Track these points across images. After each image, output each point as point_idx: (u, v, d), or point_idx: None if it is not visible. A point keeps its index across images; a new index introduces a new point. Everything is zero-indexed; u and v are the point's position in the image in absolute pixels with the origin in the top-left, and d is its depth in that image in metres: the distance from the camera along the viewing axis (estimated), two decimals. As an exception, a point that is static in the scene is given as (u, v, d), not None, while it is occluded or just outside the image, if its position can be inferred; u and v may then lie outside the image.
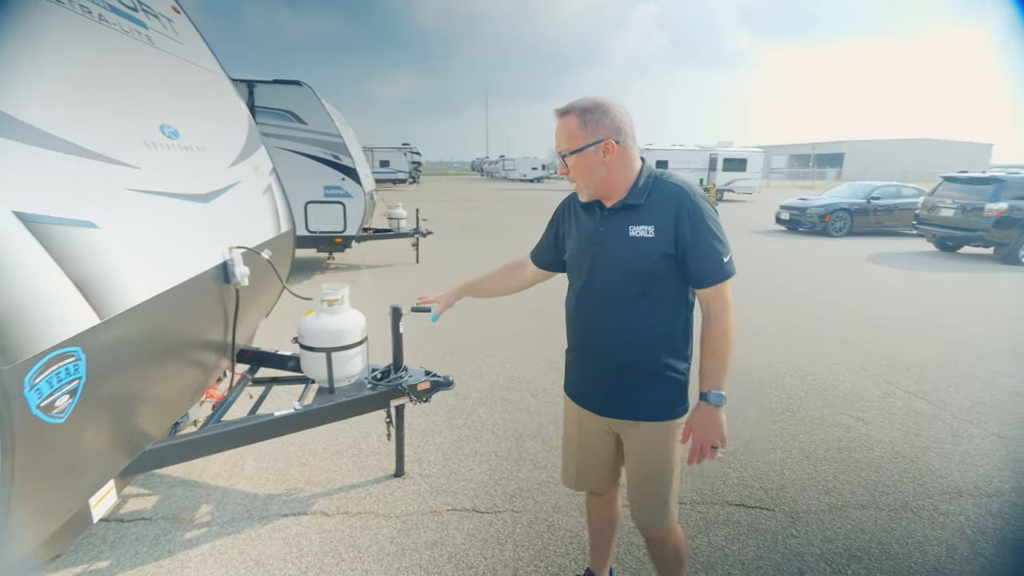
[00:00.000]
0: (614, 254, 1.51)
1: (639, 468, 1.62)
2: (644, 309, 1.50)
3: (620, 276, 1.51)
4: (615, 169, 1.47)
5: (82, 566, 2.14)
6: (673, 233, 1.44)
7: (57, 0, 1.78)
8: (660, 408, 1.55)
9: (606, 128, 1.43)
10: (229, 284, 2.34)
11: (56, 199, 1.39)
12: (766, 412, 3.59)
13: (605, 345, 1.57)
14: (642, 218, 1.46)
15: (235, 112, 3.13)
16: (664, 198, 1.46)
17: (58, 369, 1.27)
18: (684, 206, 1.44)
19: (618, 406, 1.59)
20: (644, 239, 1.45)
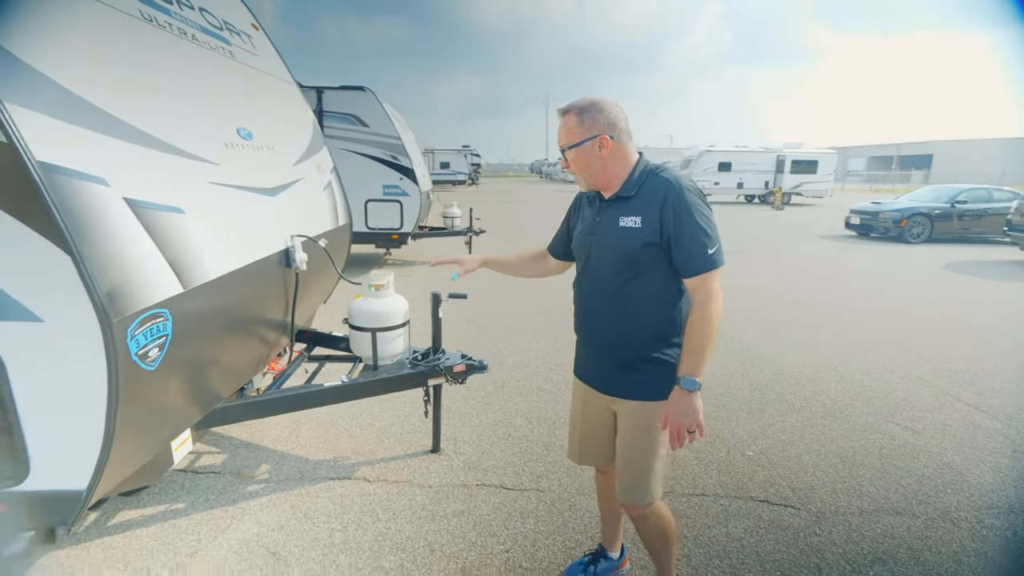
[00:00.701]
0: (606, 242, 1.62)
1: (624, 445, 1.72)
2: (633, 294, 1.59)
3: (611, 263, 1.62)
4: (610, 162, 1.58)
5: (165, 505, 2.50)
6: (658, 224, 1.52)
7: (160, 25, 2.12)
8: (647, 388, 1.62)
9: (601, 124, 1.54)
10: (290, 268, 2.64)
11: (154, 188, 1.69)
12: (804, 416, 3.52)
13: (599, 326, 1.70)
14: (631, 209, 1.57)
15: (301, 116, 3.47)
16: (652, 190, 1.55)
17: (151, 325, 1.56)
18: (669, 198, 1.51)
19: (611, 384, 1.71)
20: (631, 229, 1.55)
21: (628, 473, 1.72)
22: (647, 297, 1.58)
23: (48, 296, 1.43)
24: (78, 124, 1.47)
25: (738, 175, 24.35)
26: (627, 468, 1.72)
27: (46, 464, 1.54)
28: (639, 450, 1.68)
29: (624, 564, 2.14)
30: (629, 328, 1.61)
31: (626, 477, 1.72)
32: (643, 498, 1.70)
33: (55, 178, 1.35)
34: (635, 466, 1.70)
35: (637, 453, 1.69)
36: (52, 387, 1.50)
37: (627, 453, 1.72)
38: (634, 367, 1.64)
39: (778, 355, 4.65)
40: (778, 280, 7.83)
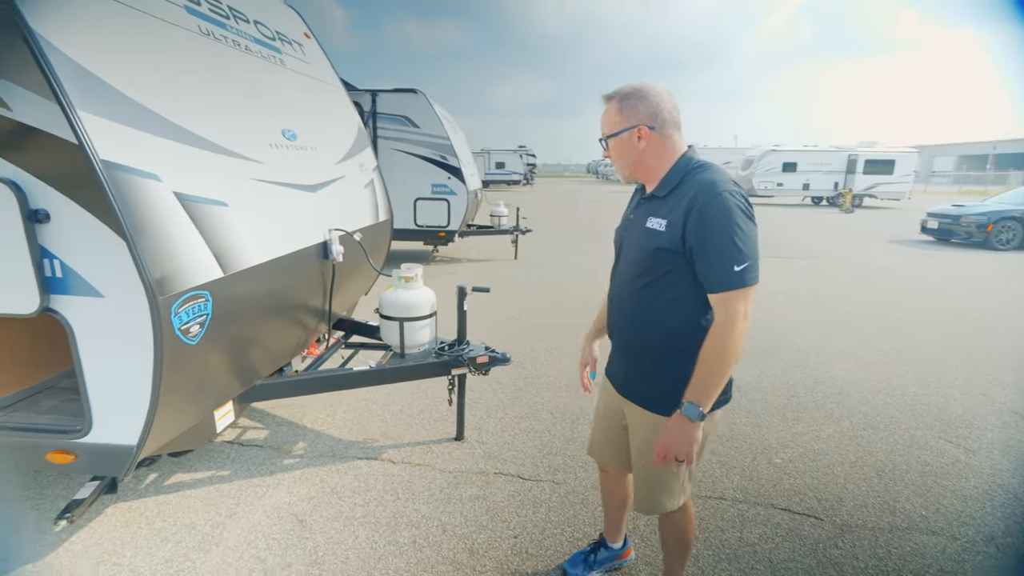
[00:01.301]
0: (633, 241, 1.57)
1: (635, 454, 1.67)
2: (650, 300, 1.51)
3: (633, 263, 1.55)
4: (648, 154, 1.48)
5: (212, 471, 2.76)
6: (681, 231, 1.38)
7: (216, 38, 2.36)
8: (657, 400, 1.54)
9: (641, 114, 1.45)
10: (327, 260, 2.84)
11: (200, 184, 1.90)
12: (843, 426, 3.36)
13: (619, 325, 1.66)
14: (661, 210, 1.46)
15: (346, 118, 3.69)
16: (685, 192, 1.41)
17: (193, 304, 1.77)
18: (697, 203, 1.36)
19: (624, 385, 1.67)
20: (654, 232, 1.45)
21: (640, 484, 1.67)
22: (666, 303, 1.48)
23: (108, 275, 1.65)
24: (136, 127, 1.69)
25: (804, 176, 23.07)
26: (639, 479, 1.67)
27: (105, 421, 1.78)
28: (645, 463, 1.59)
29: (627, 554, 2.15)
30: (645, 333, 1.54)
31: (638, 488, 1.68)
32: (653, 508, 1.66)
33: (115, 174, 1.57)
34: (647, 479, 1.63)
35: (648, 466, 1.58)
36: (110, 354, 1.73)
37: (639, 464, 1.66)
38: (647, 374, 1.57)
39: (825, 363, 4.44)
40: (838, 287, 7.41)
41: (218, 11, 2.52)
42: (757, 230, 1.41)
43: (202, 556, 2.16)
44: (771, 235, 13.10)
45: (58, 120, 1.51)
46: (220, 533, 2.30)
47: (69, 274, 1.66)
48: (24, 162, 1.60)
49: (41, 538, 2.24)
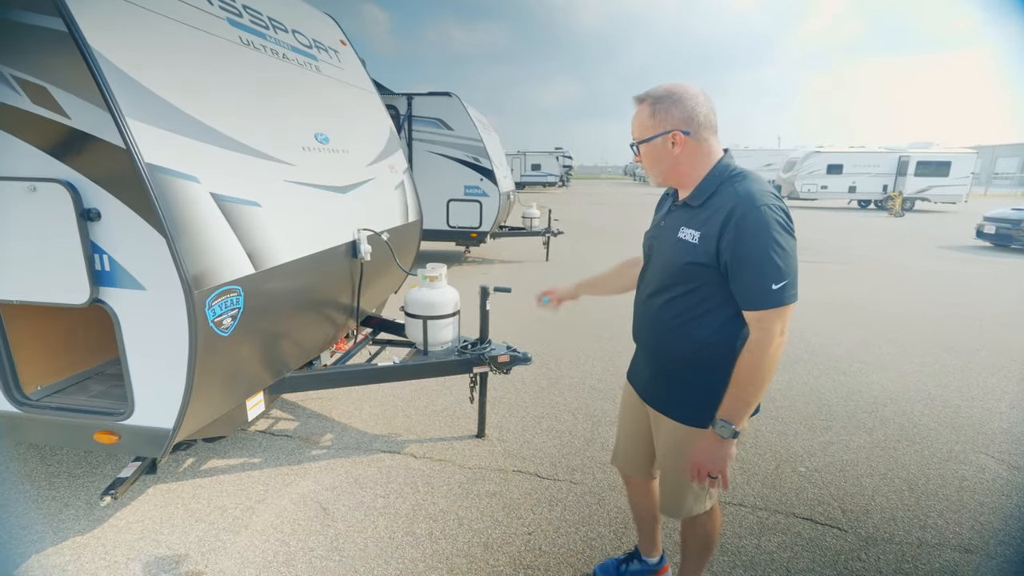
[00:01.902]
0: (663, 250, 1.50)
1: (662, 460, 1.66)
2: (680, 312, 1.46)
3: (664, 273, 1.49)
4: (683, 161, 1.41)
5: (244, 459, 2.91)
6: (715, 245, 1.33)
7: (255, 48, 2.50)
8: (684, 411, 1.52)
9: (675, 118, 1.37)
10: (355, 259, 2.95)
11: (235, 185, 2.02)
12: (876, 437, 3.24)
13: (647, 335, 1.61)
14: (695, 221, 1.40)
15: (378, 122, 3.82)
16: (721, 205, 1.34)
17: (226, 299, 1.88)
18: (735, 216, 1.30)
19: (650, 393, 1.64)
20: (686, 243, 1.39)
21: (665, 488, 1.67)
22: (695, 317, 1.44)
23: (150, 270, 1.78)
24: (178, 132, 1.82)
25: (850, 178, 22.14)
26: (664, 482, 1.67)
27: (145, 405, 1.92)
28: (673, 470, 1.60)
29: (664, 570, 2.05)
30: (672, 345, 1.50)
31: (664, 491, 1.68)
32: (678, 512, 1.64)
33: (158, 176, 1.69)
34: (671, 484, 1.63)
35: (671, 473, 1.61)
36: (150, 343, 1.86)
37: (664, 470, 1.66)
38: (674, 385, 1.54)
39: (861, 372, 4.28)
40: (879, 293, 7.11)
41: (258, 22, 2.66)
42: (796, 244, 1.35)
43: (232, 537, 2.29)
44: (811, 239, 12.66)
45: (109, 127, 1.64)
46: (249, 517, 2.43)
47: (116, 268, 1.80)
48: (79, 165, 1.74)
49: (89, 512, 2.42)
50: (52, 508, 2.46)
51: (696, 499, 1.60)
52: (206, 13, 2.24)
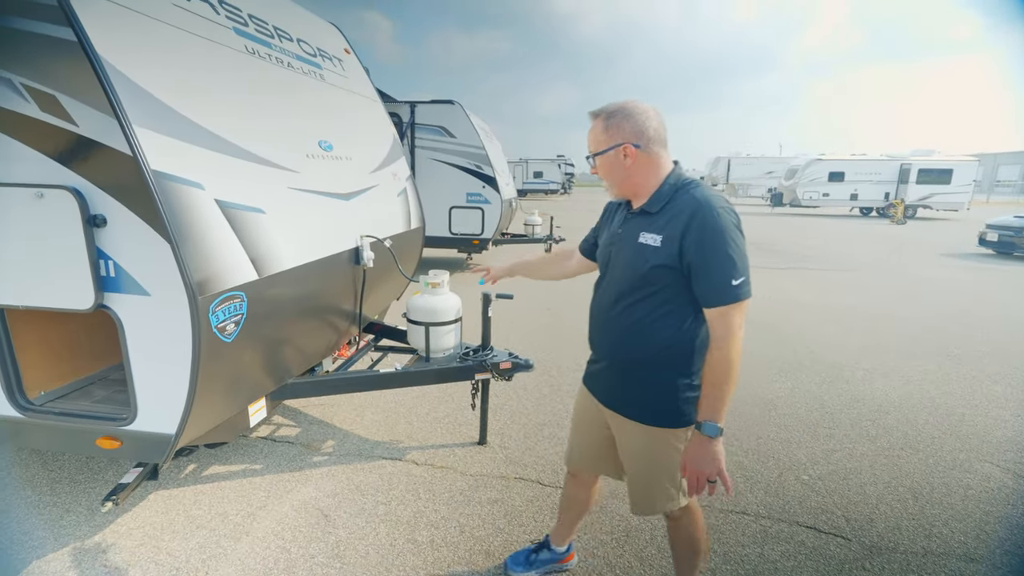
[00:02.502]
0: (624, 257, 1.56)
1: (628, 462, 1.69)
2: (641, 314, 1.52)
3: (625, 278, 1.55)
4: (634, 172, 1.51)
5: (246, 464, 2.91)
6: (678, 247, 1.41)
7: (261, 56, 2.53)
8: (647, 412, 1.57)
9: (626, 132, 1.47)
10: (358, 265, 2.96)
11: (240, 192, 2.03)
12: (879, 445, 3.23)
13: (605, 338, 1.66)
14: (654, 226, 1.48)
15: (381, 129, 3.84)
16: (679, 209, 1.44)
17: (229, 304, 1.89)
18: (695, 221, 1.39)
19: (610, 397, 1.68)
20: (648, 247, 1.47)
21: (634, 488, 1.70)
22: (658, 318, 1.50)
23: (154, 275, 1.79)
24: (184, 139, 1.84)
25: (852, 186, 22.18)
26: (635, 484, 1.70)
27: (147, 410, 1.92)
28: (643, 471, 1.65)
29: (569, 558, 2.16)
30: (635, 348, 1.55)
31: (634, 492, 1.71)
32: (651, 510, 1.68)
33: (163, 183, 1.71)
34: (642, 485, 1.67)
35: (641, 474, 1.66)
36: (154, 348, 1.87)
37: (632, 472, 1.69)
38: (637, 387, 1.59)
39: (864, 379, 4.27)
40: (882, 301, 7.10)
41: (264, 31, 2.69)
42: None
43: (233, 544, 2.28)
44: (813, 246, 12.66)
45: (116, 134, 1.66)
46: (250, 523, 2.42)
47: (121, 274, 1.81)
48: (86, 172, 1.76)
49: (90, 518, 2.42)
50: (53, 514, 2.46)
51: (667, 497, 1.63)
52: (213, 23, 2.27)
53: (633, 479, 1.70)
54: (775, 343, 5.14)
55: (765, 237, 14.66)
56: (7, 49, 1.70)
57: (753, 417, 3.57)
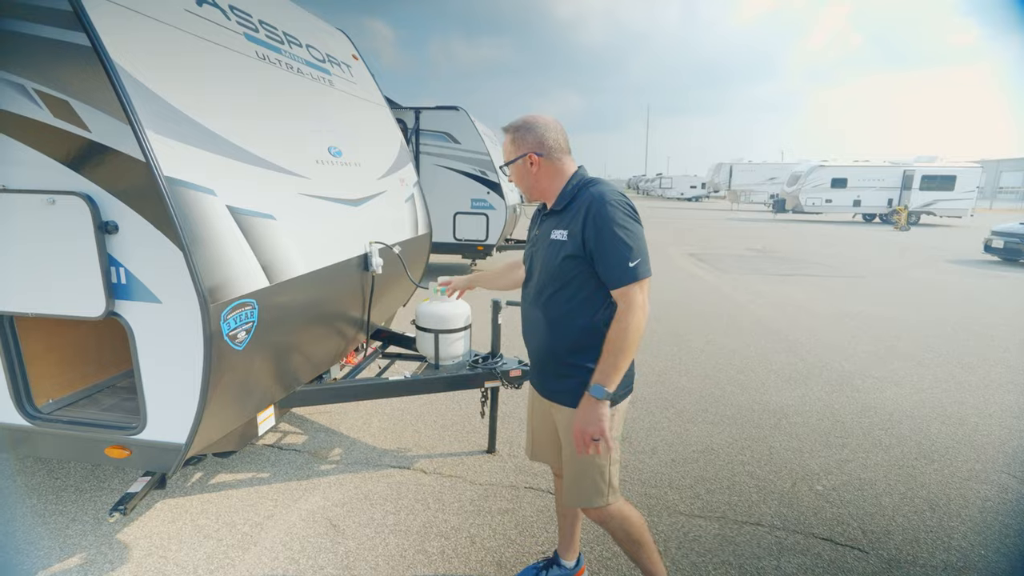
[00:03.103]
0: (541, 254, 1.70)
1: (565, 450, 1.76)
2: (560, 305, 1.65)
3: (542, 274, 1.69)
4: (540, 178, 1.68)
5: (253, 473, 2.87)
6: (580, 237, 1.56)
7: (271, 62, 2.52)
8: (572, 395, 1.65)
9: (529, 143, 1.66)
10: (367, 271, 2.94)
11: (251, 198, 2.02)
12: (893, 455, 3.18)
13: (533, 334, 1.78)
14: (561, 223, 1.64)
15: (389, 135, 3.84)
16: (579, 205, 1.59)
17: (241, 312, 1.87)
18: (591, 212, 1.54)
19: (546, 389, 1.79)
20: (558, 242, 1.62)
21: (569, 478, 1.77)
22: (573, 307, 1.62)
23: (165, 282, 1.77)
24: (196, 145, 1.82)
25: (855, 192, 22.17)
26: (567, 473, 1.78)
27: (158, 419, 1.90)
28: (569, 456, 1.73)
29: (580, 573, 2.13)
30: (557, 337, 1.67)
31: (567, 481, 1.78)
32: (586, 501, 1.73)
33: (176, 189, 1.69)
34: (574, 471, 1.74)
35: (571, 459, 1.73)
36: (164, 356, 1.85)
37: (566, 458, 1.77)
38: (564, 374, 1.69)
39: (874, 388, 4.22)
40: (888, 308, 7.05)
41: (274, 37, 2.69)
42: (643, 230, 1.60)
43: (240, 555, 2.25)
44: (817, 252, 12.63)
45: (129, 140, 1.65)
46: (258, 533, 2.39)
47: (132, 281, 1.79)
48: (98, 178, 1.74)
49: (96, 528, 2.39)
50: (59, 523, 2.42)
51: (596, 491, 1.70)
52: (224, 28, 2.26)
53: (567, 466, 1.77)
54: (783, 351, 5.10)
55: (769, 243, 14.64)
56: (20, 54, 1.69)
57: (764, 426, 3.53)
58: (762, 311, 6.77)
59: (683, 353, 5.03)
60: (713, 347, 5.22)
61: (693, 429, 3.48)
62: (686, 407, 3.82)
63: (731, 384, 4.27)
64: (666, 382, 4.29)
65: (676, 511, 2.61)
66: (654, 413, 3.70)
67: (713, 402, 3.91)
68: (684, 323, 6.10)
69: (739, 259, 11.49)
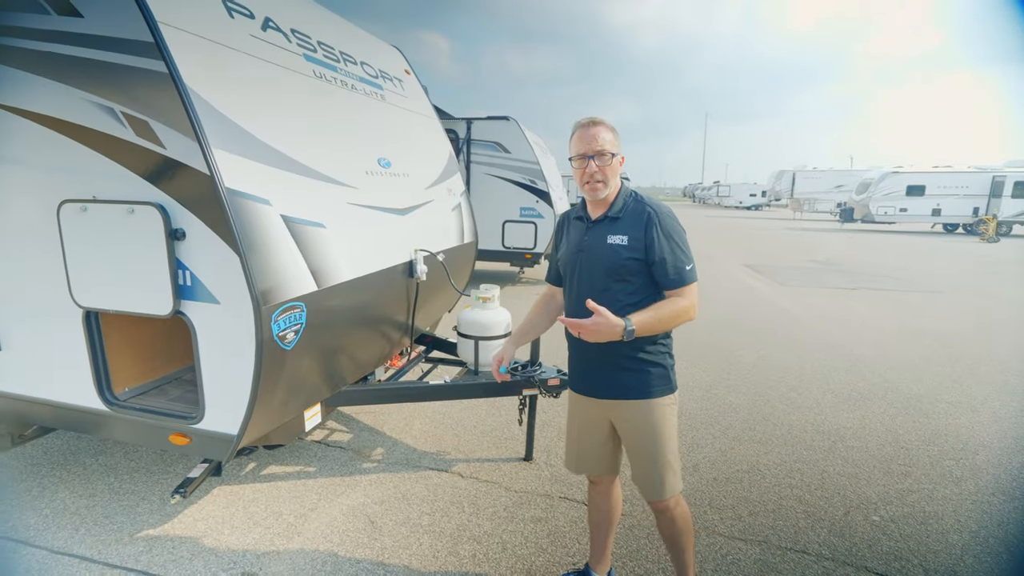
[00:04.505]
0: (595, 255, 1.78)
1: (632, 444, 1.84)
2: (620, 299, 1.72)
3: (597, 276, 1.77)
4: (614, 179, 1.78)
5: (301, 467, 3.04)
6: (643, 243, 1.71)
7: (327, 80, 2.68)
8: (642, 387, 1.77)
9: (619, 145, 1.78)
10: (412, 278, 3.04)
11: (303, 208, 2.15)
12: (964, 488, 2.93)
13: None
14: (618, 229, 1.75)
15: (439, 146, 3.96)
16: (637, 215, 1.75)
17: (290, 314, 2.00)
18: (653, 223, 1.71)
19: (607, 387, 1.82)
20: (619, 245, 1.74)
21: (642, 471, 1.83)
22: (631, 305, 1.70)
23: (224, 285, 1.92)
24: (255, 159, 1.97)
25: (934, 200, 20.55)
26: (640, 467, 1.83)
27: (214, 410, 2.06)
28: (646, 447, 1.80)
29: None
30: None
31: (641, 475, 1.83)
32: (662, 492, 1.80)
33: (236, 199, 1.84)
34: (647, 463, 1.80)
35: (645, 451, 1.80)
36: (221, 353, 2.00)
37: (636, 453, 1.83)
38: (627, 368, 1.77)
39: (947, 413, 3.90)
40: (969, 327, 6.49)
41: (331, 56, 2.86)
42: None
43: (285, 543, 2.38)
44: (888, 264, 11.79)
45: (197, 155, 1.81)
46: (302, 524, 2.52)
47: (196, 283, 1.95)
48: (170, 189, 1.92)
49: (161, 508, 2.60)
50: (131, 501, 2.66)
51: (674, 475, 1.81)
52: (285, 50, 2.43)
53: (639, 458, 1.83)
54: (843, 370, 4.81)
55: (834, 255, 13.83)
56: (110, 81, 1.89)
57: (817, 449, 3.34)
58: (822, 325, 6.41)
59: (732, 368, 4.84)
60: (765, 363, 5.00)
61: (739, 448, 3.35)
62: (732, 424, 3.68)
63: (783, 402, 4.07)
64: (713, 398, 4.15)
65: (715, 532, 2.53)
66: (698, 429, 3.59)
67: (762, 420, 3.75)
68: (735, 337, 5.87)
69: (799, 271, 10.93)
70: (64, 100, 1.96)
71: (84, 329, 2.18)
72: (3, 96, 2.05)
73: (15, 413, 2.44)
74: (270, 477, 2.92)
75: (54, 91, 1.96)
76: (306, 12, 2.88)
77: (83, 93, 1.92)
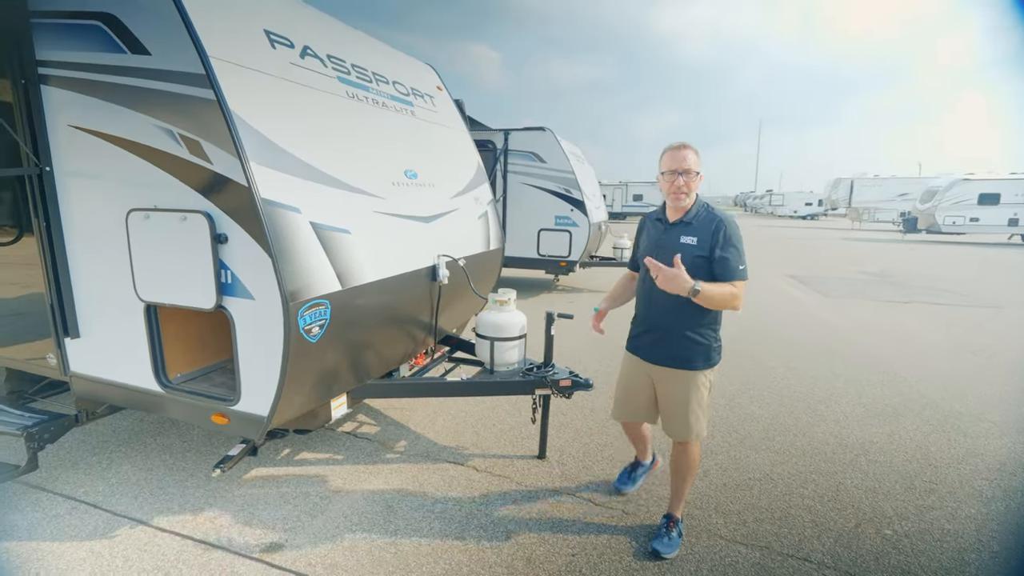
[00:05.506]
0: (669, 252, 2.23)
1: (666, 404, 2.43)
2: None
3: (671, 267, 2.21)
4: (694, 191, 2.31)
5: (329, 454, 3.29)
6: (709, 245, 2.23)
7: (359, 99, 2.94)
8: (688, 361, 2.33)
9: (700, 164, 2.30)
10: (434, 282, 3.25)
11: (331, 215, 2.40)
12: (992, 508, 2.81)
13: (659, 314, 2.37)
14: (690, 232, 2.29)
15: (467, 158, 4.18)
16: (707, 221, 2.28)
17: (315, 310, 2.23)
18: (720, 229, 2.23)
19: (660, 356, 2.39)
20: (691, 245, 2.26)
21: (677, 420, 2.38)
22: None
23: (259, 283, 2.18)
24: (287, 172, 2.23)
25: (1010, 209, 19.08)
26: (673, 416, 2.41)
27: (248, 394, 2.32)
28: (681, 406, 2.36)
29: (656, 464, 3.11)
30: (683, 316, 2.28)
31: (677, 423, 2.39)
32: (688, 435, 2.37)
33: (269, 208, 2.09)
34: (680, 415, 2.37)
35: (679, 408, 2.37)
36: (255, 343, 2.26)
37: (671, 408, 2.40)
38: (679, 344, 2.32)
39: (987, 432, 3.73)
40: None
41: (363, 76, 3.13)
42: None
43: (310, 520, 2.62)
44: (945, 277, 11.07)
45: (238, 169, 2.08)
46: (326, 504, 2.75)
47: (236, 281, 2.23)
48: (216, 199, 2.21)
49: (206, 483, 2.91)
50: (182, 475, 2.99)
51: (698, 422, 2.37)
52: (320, 75, 2.71)
53: (675, 415, 2.39)
54: (879, 383, 4.65)
55: (889, 266, 13.12)
56: (170, 107, 2.20)
57: (837, 461, 3.29)
58: (863, 338, 6.17)
59: (759, 378, 4.78)
60: (795, 374, 4.90)
61: (754, 456, 3.35)
62: (751, 433, 3.67)
63: (808, 414, 4.00)
64: (735, 407, 4.13)
65: (716, 535, 2.57)
66: (714, 436, 3.60)
67: (783, 431, 3.71)
68: (766, 346, 5.76)
69: (848, 282, 10.47)
70: (135, 124, 2.29)
71: (145, 321, 2.50)
72: (88, 122, 2.41)
73: (91, 393, 2.81)
74: (302, 462, 3.18)
75: (127, 117, 2.30)
76: (342, 37, 3.17)
77: (149, 118, 2.25)
